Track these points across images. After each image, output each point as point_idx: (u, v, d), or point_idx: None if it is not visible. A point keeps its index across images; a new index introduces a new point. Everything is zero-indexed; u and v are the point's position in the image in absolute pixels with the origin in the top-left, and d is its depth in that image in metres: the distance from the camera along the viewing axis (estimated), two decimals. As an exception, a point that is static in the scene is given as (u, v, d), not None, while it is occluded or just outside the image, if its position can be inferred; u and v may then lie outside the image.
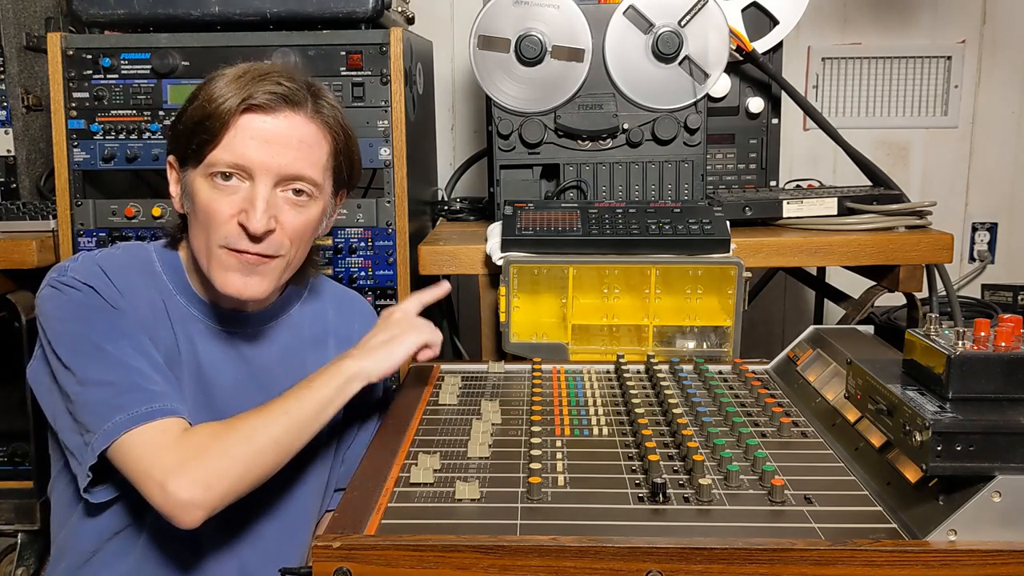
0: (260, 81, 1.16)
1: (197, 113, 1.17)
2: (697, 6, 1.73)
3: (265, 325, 1.31)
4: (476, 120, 2.60)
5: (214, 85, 1.18)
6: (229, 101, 1.15)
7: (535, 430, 1.13)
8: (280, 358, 1.31)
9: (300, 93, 1.19)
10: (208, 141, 1.16)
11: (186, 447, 1.07)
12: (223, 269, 1.18)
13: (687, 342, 1.60)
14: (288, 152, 1.17)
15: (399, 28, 1.73)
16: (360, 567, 0.84)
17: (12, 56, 1.98)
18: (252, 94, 1.15)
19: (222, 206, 1.16)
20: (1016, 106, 2.59)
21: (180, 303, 1.26)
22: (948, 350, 0.89)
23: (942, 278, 1.79)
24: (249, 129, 1.16)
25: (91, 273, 1.20)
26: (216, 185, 1.17)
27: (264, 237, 1.17)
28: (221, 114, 1.15)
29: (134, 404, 1.09)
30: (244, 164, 1.16)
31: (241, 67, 1.20)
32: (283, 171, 1.17)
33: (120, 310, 1.18)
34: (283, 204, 1.19)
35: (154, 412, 1.09)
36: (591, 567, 0.84)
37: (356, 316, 1.43)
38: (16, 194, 2.01)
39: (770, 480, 0.97)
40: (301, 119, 1.19)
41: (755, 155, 2.10)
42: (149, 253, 1.29)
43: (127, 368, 1.13)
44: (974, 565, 0.83)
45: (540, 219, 1.61)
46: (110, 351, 1.14)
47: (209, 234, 1.18)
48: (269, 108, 1.16)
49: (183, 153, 1.20)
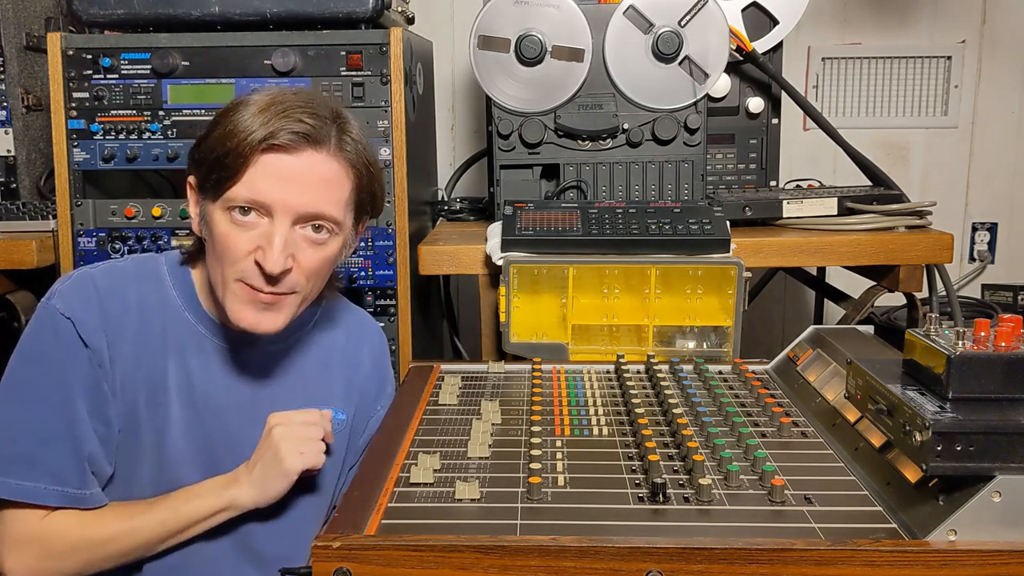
0: (283, 118, 1.13)
1: (219, 146, 1.14)
2: (697, 6, 1.73)
3: (274, 346, 1.30)
4: (476, 120, 2.60)
5: (238, 116, 1.14)
6: (251, 137, 1.12)
7: (535, 430, 1.13)
8: (286, 380, 1.30)
9: (324, 131, 1.15)
10: (227, 177, 1.14)
11: (40, 536, 1.13)
12: (238, 302, 1.17)
13: (687, 342, 1.60)
14: (308, 191, 1.15)
15: (399, 28, 1.73)
16: (360, 567, 0.84)
17: (12, 56, 1.98)
18: (274, 132, 1.12)
19: (239, 241, 1.15)
20: (1016, 106, 2.59)
21: (188, 320, 1.25)
22: (948, 350, 0.89)
23: (942, 278, 1.79)
24: (269, 167, 1.13)
25: (79, 297, 1.18)
26: (234, 220, 1.15)
27: (281, 277, 1.16)
28: (242, 151, 1.12)
29: (23, 476, 1.13)
30: (263, 202, 1.14)
31: (267, 97, 1.16)
32: (303, 210, 1.15)
33: (92, 348, 1.17)
34: (301, 242, 1.17)
35: (24, 490, 1.12)
36: (591, 567, 0.84)
37: (366, 341, 1.40)
38: (16, 194, 2.01)
39: (770, 480, 0.97)
40: (323, 157, 1.16)
41: (755, 155, 2.10)
42: (160, 267, 1.27)
43: (31, 433, 1.15)
44: (974, 565, 0.83)
45: (540, 219, 1.61)
46: (36, 409, 1.15)
47: (224, 267, 1.17)
48: (291, 148, 1.14)
49: (203, 182, 1.18)
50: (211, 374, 1.25)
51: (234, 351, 1.27)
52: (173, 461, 1.22)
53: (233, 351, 1.26)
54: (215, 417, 1.24)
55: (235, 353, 1.27)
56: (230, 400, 1.25)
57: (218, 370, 1.25)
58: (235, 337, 1.26)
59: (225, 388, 1.25)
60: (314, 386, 1.31)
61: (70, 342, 1.17)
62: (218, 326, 1.26)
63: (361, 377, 1.37)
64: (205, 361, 1.25)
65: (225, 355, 1.26)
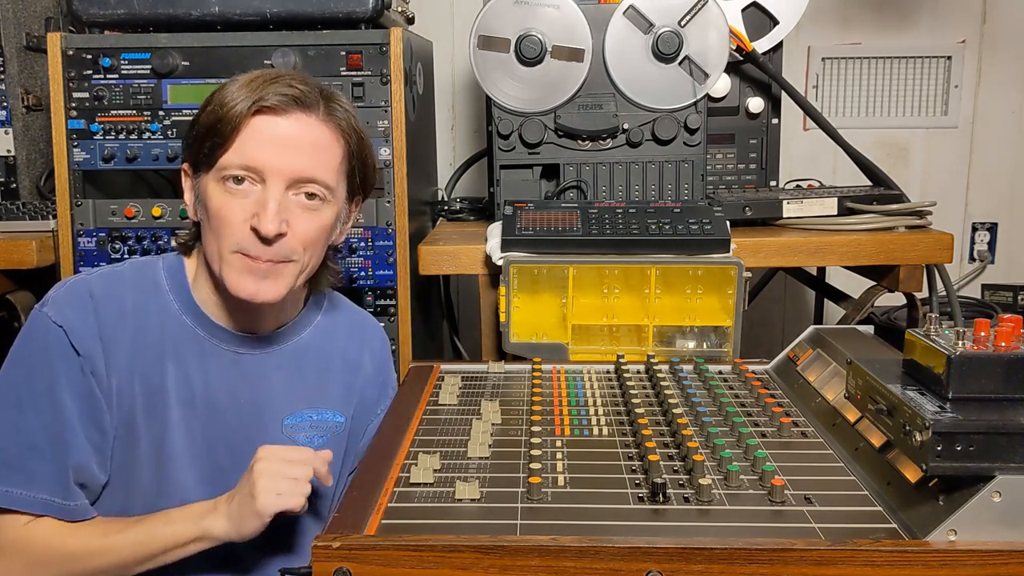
0: (271, 83, 1.16)
1: (209, 118, 1.17)
2: (697, 6, 1.73)
3: (274, 347, 1.30)
4: (476, 120, 2.60)
5: (226, 90, 1.18)
6: (240, 104, 1.14)
7: (535, 430, 1.13)
8: (287, 381, 1.30)
9: (312, 95, 1.18)
10: (219, 144, 1.15)
11: (19, 543, 1.13)
12: (235, 273, 1.18)
13: (687, 342, 1.60)
14: (300, 154, 1.17)
15: (399, 28, 1.73)
16: (360, 567, 0.84)
17: (12, 56, 1.98)
18: (263, 96, 1.15)
19: (234, 210, 1.16)
20: (1016, 106, 2.59)
21: (186, 323, 1.24)
22: (948, 350, 0.89)
23: (942, 278, 1.79)
24: (260, 131, 1.15)
25: (73, 305, 1.18)
26: (228, 189, 1.16)
27: (275, 240, 1.16)
28: (232, 117, 1.14)
29: (11, 482, 1.13)
30: (255, 166, 1.15)
31: (254, 72, 1.20)
32: (295, 173, 1.16)
33: (84, 356, 1.17)
34: (295, 208, 1.18)
35: (10, 498, 1.13)
36: (591, 567, 0.84)
37: (367, 343, 1.40)
38: (16, 194, 2.01)
39: (770, 480, 0.97)
40: (313, 120, 1.18)
41: (755, 155, 2.10)
42: (157, 272, 1.27)
43: (25, 443, 1.14)
44: (974, 565, 0.83)
45: (540, 219, 1.61)
46: (23, 416, 1.15)
47: (221, 239, 1.17)
48: (280, 110, 1.16)
49: (196, 158, 1.20)
50: (211, 376, 1.24)
51: (234, 352, 1.26)
52: (173, 465, 1.22)
53: (233, 352, 1.26)
54: (216, 419, 1.24)
55: (235, 354, 1.26)
56: (230, 401, 1.25)
57: (218, 372, 1.25)
58: (234, 337, 1.26)
59: (225, 390, 1.25)
60: (314, 387, 1.31)
61: (61, 350, 1.16)
62: (217, 327, 1.26)
63: (362, 380, 1.37)
64: (204, 364, 1.24)
65: (225, 358, 1.26)
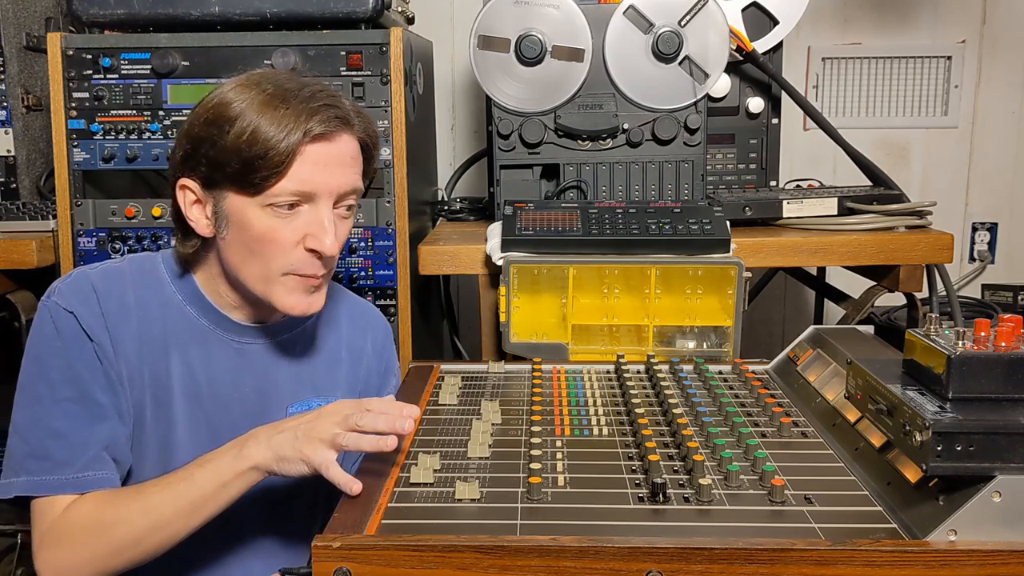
0: (312, 106, 1.13)
1: (247, 147, 1.11)
2: (697, 6, 1.73)
3: (279, 337, 1.30)
4: (476, 120, 2.60)
5: (260, 119, 1.12)
6: (291, 136, 1.11)
7: (535, 430, 1.13)
8: (291, 370, 1.30)
9: (349, 111, 1.19)
10: (269, 176, 1.12)
11: (59, 528, 1.12)
12: (287, 293, 1.19)
13: (687, 342, 1.60)
14: (346, 170, 1.18)
15: (399, 28, 1.73)
16: (360, 567, 0.84)
17: (12, 56, 1.98)
18: (312, 125, 1.13)
19: (286, 233, 1.16)
20: (1016, 106, 2.59)
21: (190, 314, 1.25)
22: (948, 350, 0.89)
23: (942, 278, 1.79)
24: (315, 158, 1.14)
25: (79, 295, 1.19)
26: (278, 214, 1.15)
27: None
28: (285, 149, 1.11)
29: (35, 471, 1.14)
30: (309, 190, 1.15)
31: (272, 90, 1.14)
32: (342, 188, 1.18)
33: (96, 342, 1.17)
34: (337, 219, 1.19)
35: (48, 484, 1.13)
36: (591, 567, 0.84)
37: (369, 329, 1.41)
38: (16, 194, 2.01)
39: (770, 480, 0.97)
40: (350, 136, 1.19)
41: (755, 155, 2.11)
42: (157, 264, 1.27)
43: (47, 431, 1.15)
44: (974, 565, 0.83)
45: (540, 219, 1.61)
46: (43, 406, 1.16)
47: (270, 262, 1.17)
48: (330, 135, 1.15)
49: (227, 182, 1.15)
50: (215, 367, 1.25)
51: (238, 343, 1.27)
52: (178, 456, 1.22)
53: (237, 343, 1.27)
54: (220, 409, 1.25)
55: (239, 345, 1.27)
56: (234, 390, 1.26)
57: (223, 362, 1.26)
58: (240, 328, 1.27)
59: (230, 380, 1.26)
60: (318, 375, 1.32)
61: (75, 335, 1.17)
62: (222, 317, 1.26)
63: (364, 367, 1.38)
64: (209, 354, 1.25)
65: (229, 347, 1.26)
